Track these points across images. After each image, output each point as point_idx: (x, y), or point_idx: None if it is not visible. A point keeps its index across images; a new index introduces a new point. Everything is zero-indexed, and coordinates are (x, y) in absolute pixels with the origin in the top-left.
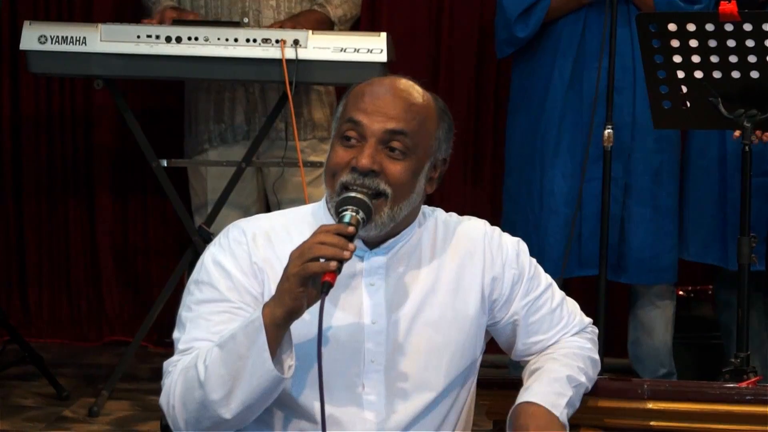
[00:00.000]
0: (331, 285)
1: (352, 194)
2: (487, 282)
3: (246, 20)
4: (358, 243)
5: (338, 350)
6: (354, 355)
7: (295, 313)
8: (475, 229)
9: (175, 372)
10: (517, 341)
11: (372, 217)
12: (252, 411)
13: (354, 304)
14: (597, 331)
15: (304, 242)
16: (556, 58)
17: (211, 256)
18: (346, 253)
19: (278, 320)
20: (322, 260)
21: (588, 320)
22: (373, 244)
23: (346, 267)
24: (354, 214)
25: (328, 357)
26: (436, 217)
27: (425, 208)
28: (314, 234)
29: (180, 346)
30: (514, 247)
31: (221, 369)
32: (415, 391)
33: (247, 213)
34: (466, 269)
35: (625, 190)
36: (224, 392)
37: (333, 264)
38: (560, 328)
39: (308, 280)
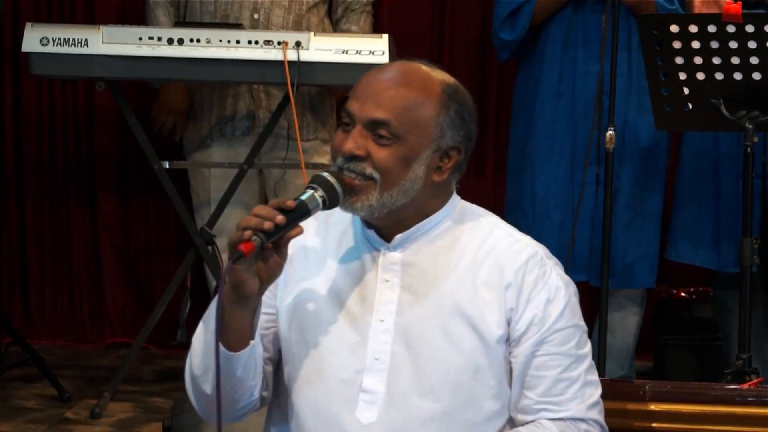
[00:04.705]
0: (241, 254)
1: (322, 173)
2: (507, 308)
3: (256, 16)
4: (372, 233)
5: (341, 344)
6: (357, 351)
7: (238, 287)
8: (519, 253)
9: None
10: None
11: (337, 200)
12: (225, 388)
13: (366, 298)
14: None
15: None
16: (544, 62)
17: None
18: (266, 224)
19: (229, 295)
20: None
21: (594, 417)
22: (389, 238)
23: (362, 260)
24: (313, 191)
25: (329, 349)
26: (491, 231)
27: (482, 211)
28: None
29: None
30: (550, 291)
31: (201, 344)
32: (417, 397)
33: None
34: (494, 290)
35: (614, 195)
36: (203, 368)
37: (247, 233)
38: (551, 400)
39: (230, 251)
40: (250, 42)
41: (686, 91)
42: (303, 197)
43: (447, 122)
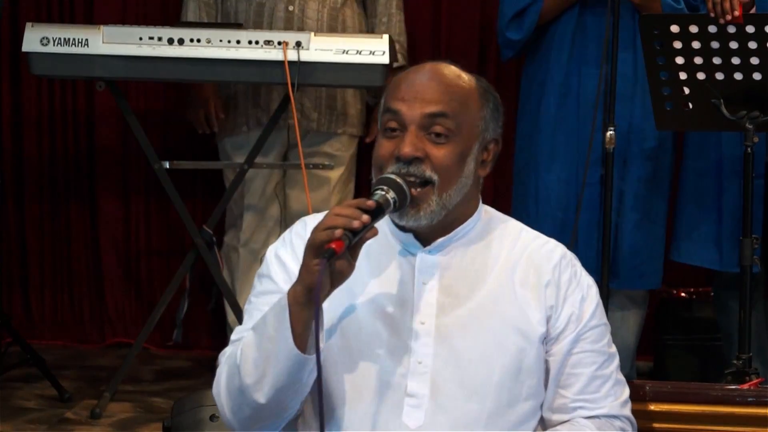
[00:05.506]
0: (333, 252)
1: (388, 175)
2: (548, 306)
3: (291, 8)
4: (408, 237)
5: (384, 347)
6: (401, 354)
7: (312, 289)
8: (552, 252)
9: (223, 361)
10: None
11: (405, 202)
12: (285, 395)
13: (404, 302)
14: (628, 430)
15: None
16: (550, 63)
17: (274, 249)
18: (355, 222)
19: (300, 297)
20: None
21: (627, 414)
22: (425, 242)
23: (397, 263)
24: (383, 193)
25: (372, 354)
26: (519, 233)
27: (503, 215)
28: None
29: (233, 336)
30: (583, 290)
31: (254, 352)
32: (462, 399)
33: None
34: (534, 289)
35: (619, 196)
36: (258, 376)
37: (338, 232)
38: (587, 398)
39: (319, 250)
40: (250, 42)
41: (687, 91)
42: (376, 198)
43: (489, 115)
